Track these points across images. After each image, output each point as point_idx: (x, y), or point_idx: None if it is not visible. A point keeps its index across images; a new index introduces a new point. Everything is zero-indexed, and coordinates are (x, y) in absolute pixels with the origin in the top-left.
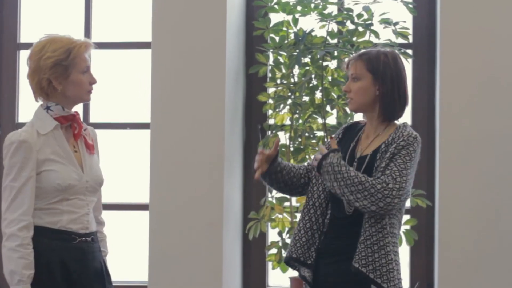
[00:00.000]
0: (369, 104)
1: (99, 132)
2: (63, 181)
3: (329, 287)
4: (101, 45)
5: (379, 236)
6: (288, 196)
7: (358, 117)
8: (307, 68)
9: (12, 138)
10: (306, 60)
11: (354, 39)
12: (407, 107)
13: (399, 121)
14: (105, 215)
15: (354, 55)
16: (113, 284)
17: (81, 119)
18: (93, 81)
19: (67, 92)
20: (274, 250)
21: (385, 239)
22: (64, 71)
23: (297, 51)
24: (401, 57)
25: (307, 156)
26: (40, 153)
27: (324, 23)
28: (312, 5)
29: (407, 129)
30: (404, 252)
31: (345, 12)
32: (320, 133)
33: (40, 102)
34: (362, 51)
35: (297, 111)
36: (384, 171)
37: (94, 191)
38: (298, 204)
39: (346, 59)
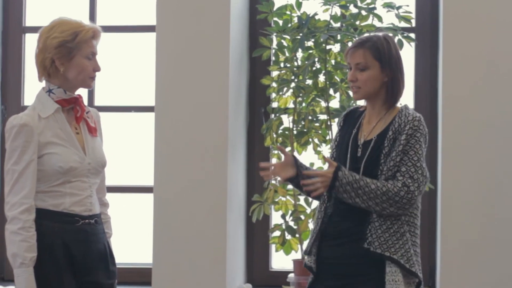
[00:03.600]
0: (376, 91)
1: (103, 115)
2: (65, 164)
3: (331, 270)
4: (106, 29)
5: (396, 223)
6: None
7: (360, 101)
8: (311, 51)
9: (13, 122)
10: (310, 43)
11: (357, 23)
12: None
13: (400, 104)
14: (110, 197)
15: (354, 43)
16: (117, 267)
17: (86, 102)
18: (97, 69)
19: (68, 75)
20: (277, 233)
21: (401, 229)
22: (68, 53)
23: (301, 34)
24: (404, 41)
25: (310, 139)
26: (41, 136)
27: (327, 6)
28: None
29: (410, 112)
30: None
31: None
32: (323, 116)
33: (43, 83)
34: (362, 38)
35: (301, 94)
36: (400, 168)
37: (96, 173)
38: None
39: (347, 48)
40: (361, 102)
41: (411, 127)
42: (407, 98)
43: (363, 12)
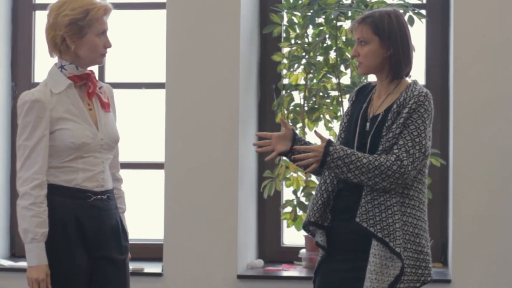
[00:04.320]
0: (378, 66)
1: (114, 91)
2: (77, 139)
3: (341, 244)
4: (116, 6)
5: (386, 197)
6: None
7: (372, 77)
8: (321, 28)
9: (25, 98)
10: (320, 20)
11: None
12: (412, 63)
13: (410, 79)
14: (121, 173)
15: (357, 19)
16: (129, 242)
17: (97, 78)
18: (108, 45)
19: (79, 52)
20: (288, 209)
21: (391, 200)
22: (79, 31)
23: (311, 11)
24: (415, 17)
25: (321, 116)
26: (53, 111)
27: None
28: None
29: (417, 87)
30: None
31: None
32: (334, 93)
33: (55, 59)
34: (365, 14)
35: (312, 71)
36: (397, 141)
37: (109, 148)
38: None
39: (351, 24)
40: (372, 78)
41: (415, 102)
42: (418, 74)
43: None
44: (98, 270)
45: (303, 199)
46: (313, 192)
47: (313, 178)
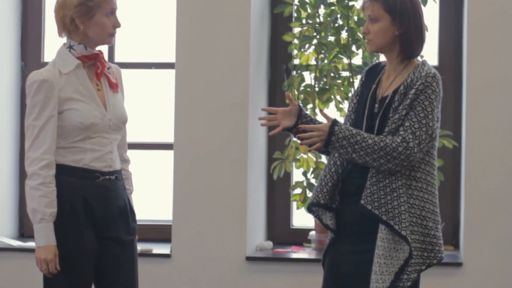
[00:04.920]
0: (388, 44)
1: (124, 72)
2: (85, 120)
3: (349, 226)
4: None
5: (391, 179)
6: None
7: (383, 57)
8: (333, 8)
9: (33, 78)
10: (332, 0)
11: None
12: (425, 43)
13: (419, 59)
14: (130, 154)
15: None
16: (138, 223)
17: (106, 59)
18: (117, 25)
19: (89, 33)
20: (298, 190)
21: (397, 182)
22: (88, 12)
23: None
24: None
25: (332, 96)
26: (62, 91)
27: None
28: None
29: (425, 68)
30: None
31: None
32: (345, 73)
33: (64, 39)
34: None
35: (323, 51)
36: (404, 123)
37: (117, 129)
38: None
39: (362, 1)
40: (383, 58)
41: (423, 83)
42: (431, 55)
43: None
44: (106, 251)
45: (313, 181)
46: None
47: (323, 159)
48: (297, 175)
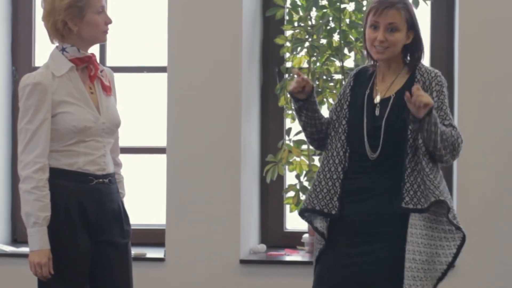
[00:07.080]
0: (399, 53)
1: (116, 76)
2: (79, 123)
3: (347, 228)
4: None
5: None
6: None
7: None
8: (325, 10)
9: (26, 81)
10: (324, 2)
11: None
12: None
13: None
14: (123, 158)
15: (383, 2)
16: (131, 228)
17: (98, 61)
18: (108, 21)
19: (82, 33)
20: (291, 193)
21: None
22: (79, 12)
23: None
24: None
25: (324, 99)
26: (55, 95)
27: None
28: None
29: (429, 68)
30: None
31: None
32: (337, 76)
33: (56, 44)
34: None
35: (315, 54)
36: (443, 123)
37: (111, 132)
38: None
39: (375, 6)
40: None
41: (437, 83)
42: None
43: None
44: (100, 254)
45: (306, 184)
46: None
47: (316, 162)
48: (290, 178)
